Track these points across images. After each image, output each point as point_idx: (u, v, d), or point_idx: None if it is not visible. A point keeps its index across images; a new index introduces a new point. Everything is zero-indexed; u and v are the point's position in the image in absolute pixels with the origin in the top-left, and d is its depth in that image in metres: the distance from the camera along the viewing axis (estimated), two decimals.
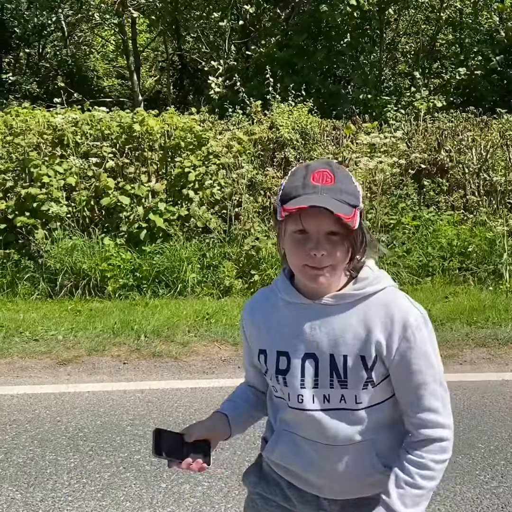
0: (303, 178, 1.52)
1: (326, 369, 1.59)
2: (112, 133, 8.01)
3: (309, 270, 1.53)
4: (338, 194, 1.50)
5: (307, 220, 1.49)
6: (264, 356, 1.68)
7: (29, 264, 7.33)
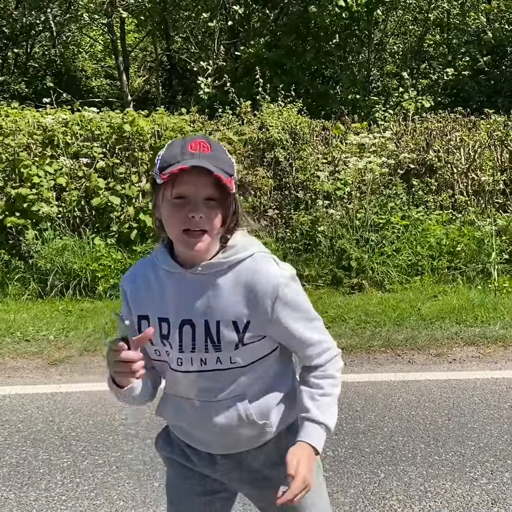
0: (181, 147, 1.60)
1: (202, 334, 1.68)
2: (102, 133, 8.00)
3: (187, 238, 1.61)
4: (215, 161, 1.58)
5: (187, 184, 1.57)
6: (147, 322, 1.74)
7: (20, 265, 7.32)
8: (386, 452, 3.85)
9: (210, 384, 1.74)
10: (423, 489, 3.46)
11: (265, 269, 1.69)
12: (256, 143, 8.23)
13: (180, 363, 1.72)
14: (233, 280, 1.68)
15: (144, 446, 3.94)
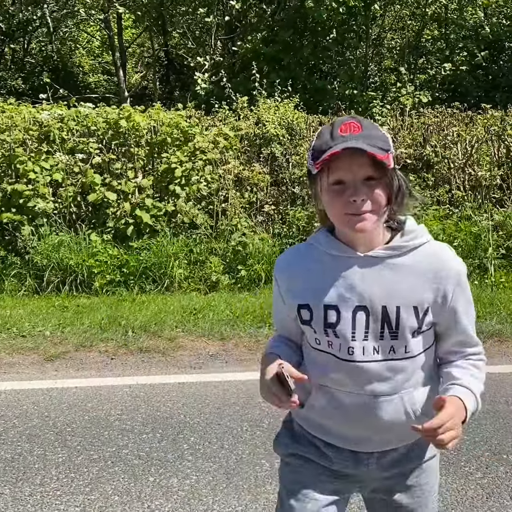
0: (330, 133, 1.55)
1: (378, 321, 1.61)
2: (99, 129, 7.99)
3: (351, 218, 1.55)
4: (368, 140, 1.51)
5: (342, 169, 1.52)
6: (309, 311, 1.67)
7: (16, 261, 7.31)
8: None
9: (379, 376, 1.64)
10: None
11: (447, 255, 1.65)
12: (252, 138, 8.22)
13: (351, 352, 1.63)
14: (413, 265, 1.62)
15: (140, 441, 3.94)
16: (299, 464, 1.81)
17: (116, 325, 6.01)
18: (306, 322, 1.68)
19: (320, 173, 1.55)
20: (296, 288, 1.70)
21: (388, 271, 1.62)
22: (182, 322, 6.11)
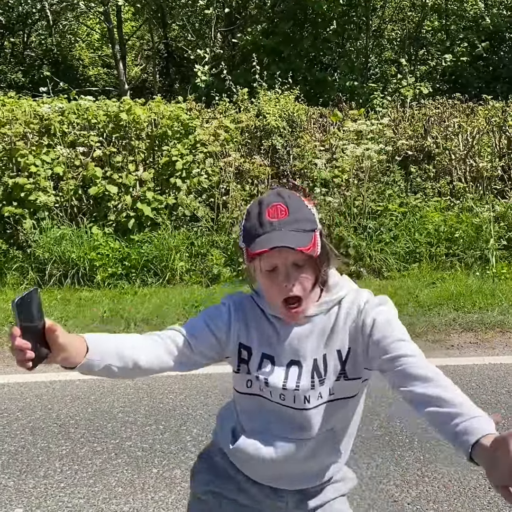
0: (258, 216, 1.59)
1: (309, 372, 1.70)
2: (99, 122, 7.98)
3: (287, 311, 1.65)
4: (295, 224, 1.57)
5: (273, 258, 1.58)
6: (248, 354, 1.74)
7: (18, 254, 7.32)
8: (383, 438, 3.87)
9: (310, 421, 1.71)
10: (420, 474, 3.48)
11: (360, 297, 1.71)
12: (253, 131, 8.21)
13: (282, 398, 1.71)
14: (336, 314, 1.71)
15: (143, 433, 3.95)
16: (216, 504, 1.84)
17: (118, 318, 6.02)
18: (244, 361, 1.75)
19: (253, 259, 1.61)
20: (244, 328, 1.75)
21: (319, 326, 1.71)
22: (184, 315, 6.12)
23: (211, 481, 1.85)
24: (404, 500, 3.26)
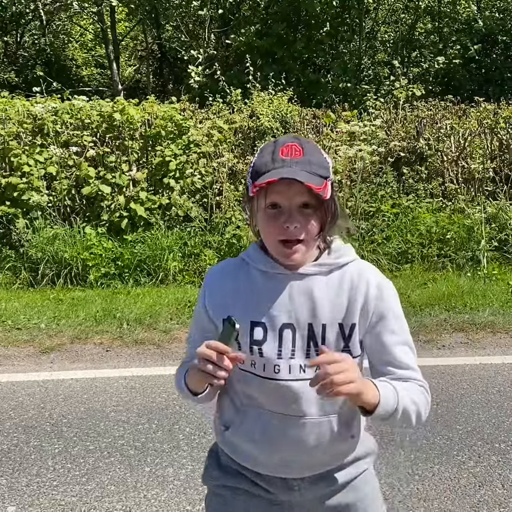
0: (271, 153, 1.54)
1: (304, 338, 1.59)
2: (93, 122, 7.99)
3: (284, 249, 1.55)
4: (308, 166, 1.51)
5: (279, 194, 1.51)
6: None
7: (10, 254, 7.32)
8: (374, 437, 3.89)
9: (306, 396, 1.60)
10: (411, 472, 3.50)
11: (370, 272, 1.64)
12: (246, 131, 8.24)
13: (277, 370, 1.60)
14: (338, 282, 1.61)
15: (136, 432, 3.96)
16: (231, 496, 1.75)
17: (111, 318, 6.02)
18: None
19: (257, 193, 1.54)
20: (224, 302, 1.66)
21: (315, 289, 1.61)
22: (177, 315, 6.13)
23: (221, 477, 1.77)
24: (394, 498, 3.29)
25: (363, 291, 1.60)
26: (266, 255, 1.65)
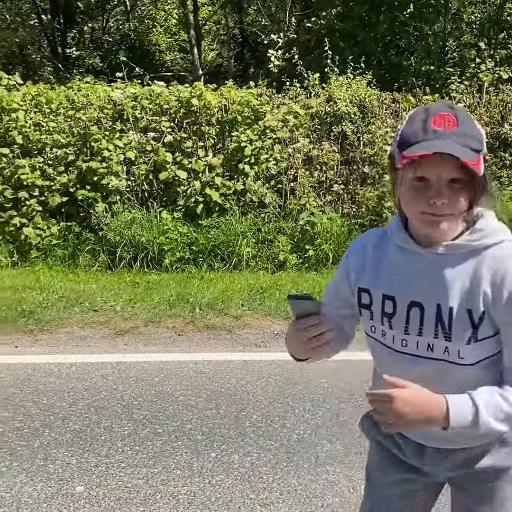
0: (423, 122, 1.46)
1: (432, 318, 1.56)
2: (171, 107, 8.07)
3: (428, 217, 1.48)
4: (462, 139, 1.44)
5: (429, 168, 1.44)
6: (369, 297, 1.66)
7: (90, 237, 7.51)
8: None
9: (433, 374, 1.57)
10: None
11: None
12: (323, 116, 8.14)
13: (404, 344, 1.61)
14: (475, 266, 1.52)
15: (203, 417, 4.00)
16: (375, 449, 1.88)
17: (184, 302, 6.11)
18: (366, 306, 1.68)
19: (405, 166, 1.46)
20: (362, 270, 1.69)
21: (447, 269, 1.54)
22: (248, 301, 6.15)
23: (371, 429, 1.84)
24: None
25: (497, 282, 1.50)
26: (404, 230, 1.61)
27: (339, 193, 7.77)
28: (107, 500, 3.19)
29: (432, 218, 1.48)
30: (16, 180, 7.69)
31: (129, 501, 3.19)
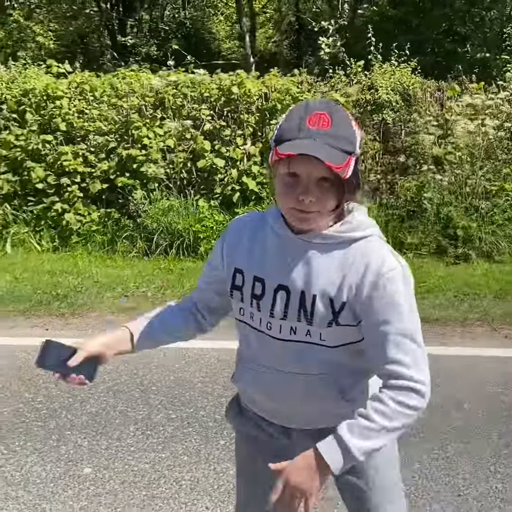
0: (299, 119, 1.49)
1: (296, 303, 1.61)
2: (211, 95, 8.08)
3: (296, 213, 1.53)
4: (333, 140, 1.47)
5: (300, 165, 1.47)
6: (242, 276, 1.70)
7: (128, 223, 7.60)
8: (459, 427, 3.73)
9: (297, 356, 1.66)
10: (492, 470, 3.33)
11: (376, 254, 1.58)
12: (363, 104, 8.02)
13: (269, 327, 1.67)
14: (342, 257, 1.58)
15: (218, 404, 4.02)
16: (238, 438, 2.01)
17: None
18: (238, 288, 1.71)
19: (278, 161, 1.51)
20: (238, 252, 1.72)
21: (315, 258, 1.59)
22: None
23: (235, 418, 1.95)
24: (469, 495, 3.14)
25: (359, 275, 1.56)
26: (281, 216, 1.65)
27: (378, 183, 7.65)
28: (112, 482, 3.26)
29: (300, 215, 1.54)
30: (59, 167, 7.84)
31: (133, 484, 3.24)
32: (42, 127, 8.21)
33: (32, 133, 8.12)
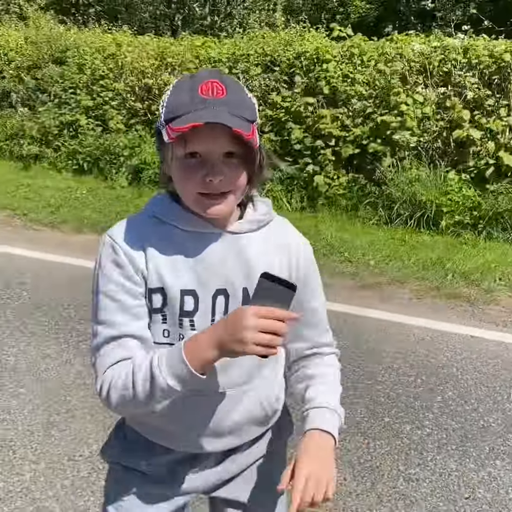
0: (189, 90, 1.29)
1: (237, 305, 1.38)
2: (481, 62, 7.55)
3: (204, 200, 1.33)
4: (233, 108, 1.28)
5: (201, 141, 1.28)
6: (162, 296, 1.38)
7: (374, 190, 7.51)
8: None
9: (238, 368, 1.44)
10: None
11: (292, 228, 1.55)
12: None
13: None
14: (269, 239, 1.46)
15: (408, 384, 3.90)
16: (122, 473, 1.59)
17: (439, 266, 5.84)
18: (157, 310, 1.39)
19: (174, 141, 1.28)
20: (146, 267, 1.38)
21: (248, 249, 1.42)
22: (508, 277, 5.63)
23: (119, 455, 1.61)
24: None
25: (292, 249, 1.50)
26: (186, 211, 1.40)
27: None
28: None
29: (208, 202, 1.33)
30: (316, 129, 8.00)
31: None
32: (307, 90, 8.44)
33: (297, 95, 8.39)
